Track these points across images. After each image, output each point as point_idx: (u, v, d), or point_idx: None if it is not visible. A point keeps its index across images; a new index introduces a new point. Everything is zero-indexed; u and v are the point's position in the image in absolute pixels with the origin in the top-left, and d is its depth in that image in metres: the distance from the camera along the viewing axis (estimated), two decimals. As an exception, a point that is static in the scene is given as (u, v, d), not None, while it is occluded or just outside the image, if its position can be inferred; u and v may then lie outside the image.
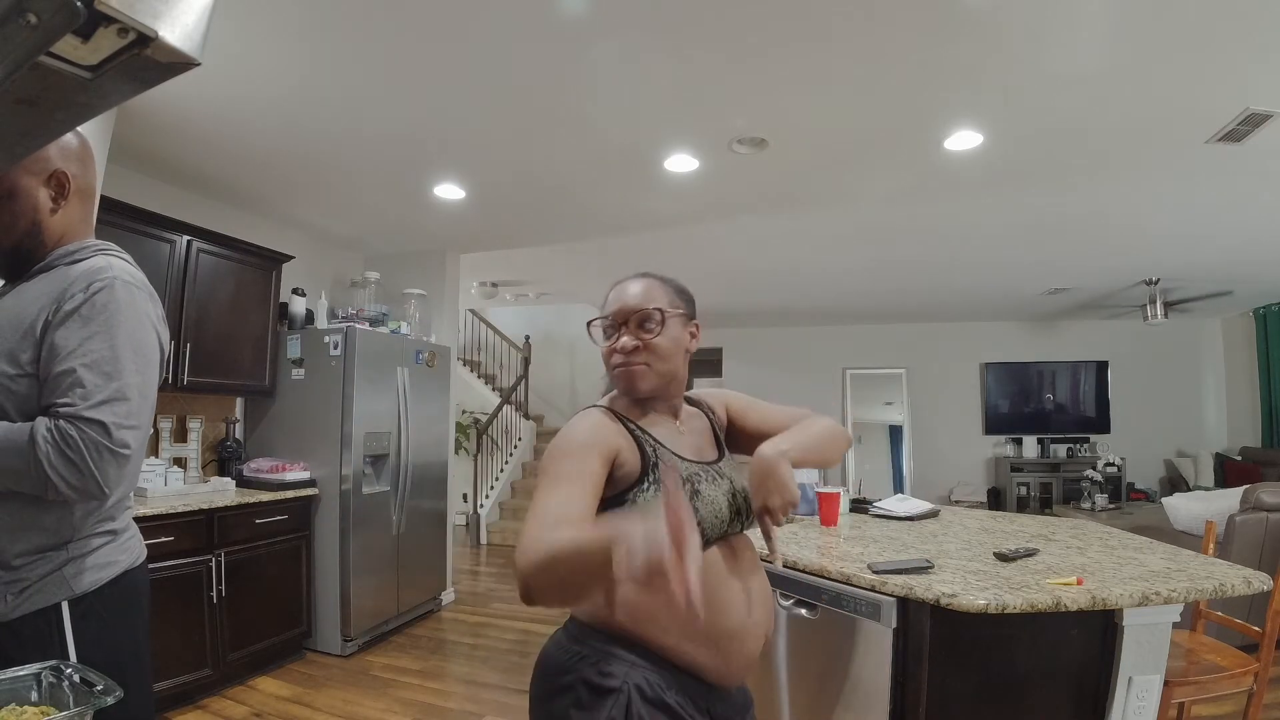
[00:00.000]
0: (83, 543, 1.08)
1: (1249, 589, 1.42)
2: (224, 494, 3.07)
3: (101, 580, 1.09)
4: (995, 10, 1.89)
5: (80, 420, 0.97)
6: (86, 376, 0.98)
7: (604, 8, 1.91)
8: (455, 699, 2.91)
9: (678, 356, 1.10)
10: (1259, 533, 3.05)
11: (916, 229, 4.08)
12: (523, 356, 7.68)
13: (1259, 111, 2.44)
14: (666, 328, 1.07)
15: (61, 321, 1.00)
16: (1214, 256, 4.60)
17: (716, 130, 2.71)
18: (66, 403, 0.97)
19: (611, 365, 1.08)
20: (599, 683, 0.92)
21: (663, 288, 1.11)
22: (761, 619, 1.03)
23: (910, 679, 1.44)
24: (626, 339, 1.06)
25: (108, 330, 1.02)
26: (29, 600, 1.02)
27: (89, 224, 1.16)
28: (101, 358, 1.00)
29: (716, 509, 1.01)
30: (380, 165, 3.09)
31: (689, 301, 1.15)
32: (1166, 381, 7.16)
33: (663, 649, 0.95)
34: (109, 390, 1.00)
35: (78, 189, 1.12)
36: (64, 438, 0.96)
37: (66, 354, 0.98)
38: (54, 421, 0.96)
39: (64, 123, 0.53)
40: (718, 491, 1.03)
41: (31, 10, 0.36)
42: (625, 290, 1.10)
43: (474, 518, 6.53)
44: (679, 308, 1.11)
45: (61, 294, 1.02)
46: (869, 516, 2.41)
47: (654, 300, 1.07)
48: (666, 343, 1.07)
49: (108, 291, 1.03)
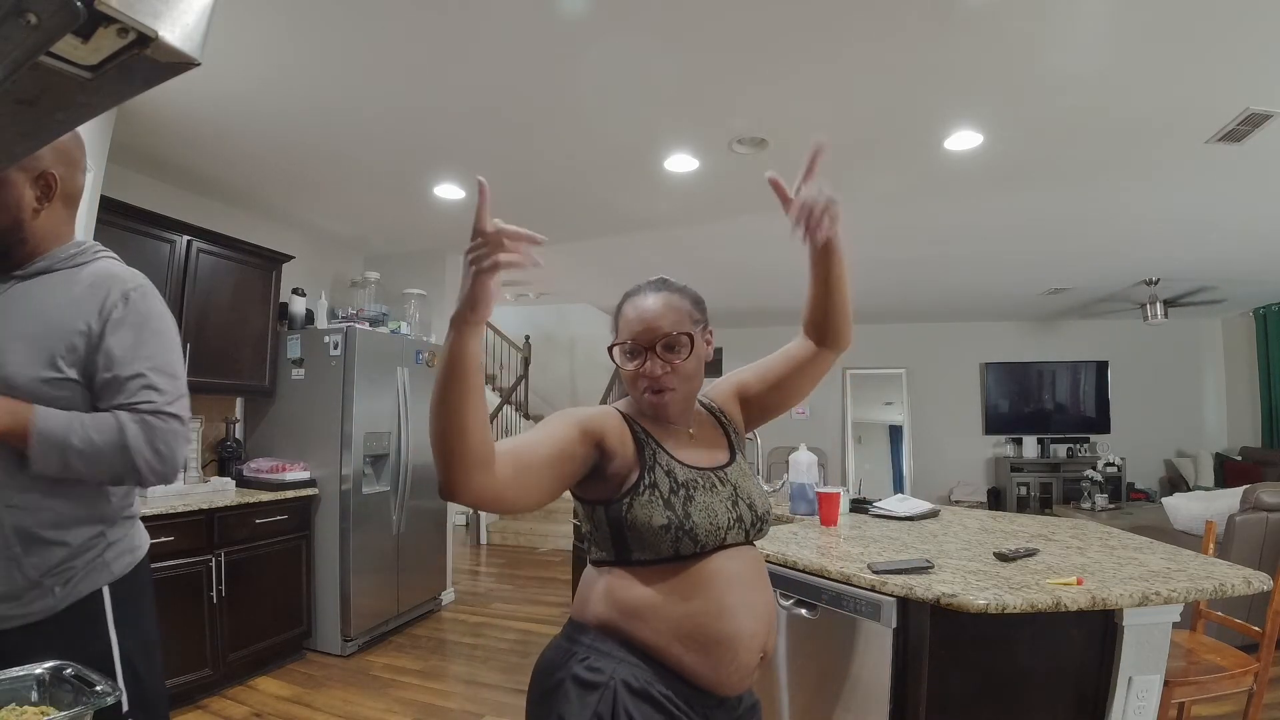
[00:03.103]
0: (117, 528, 1.15)
1: (1249, 589, 1.42)
2: (224, 494, 3.07)
3: (133, 563, 1.17)
4: (995, 10, 1.89)
5: (163, 415, 1.10)
6: (157, 379, 1.11)
7: (604, 8, 1.91)
8: (455, 699, 2.91)
9: (701, 371, 1.09)
10: (1259, 533, 3.05)
11: (916, 229, 4.08)
12: (523, 356, 7.68)
13: (1259, 111, 2.44)
14: (695, 349, 1.06)
15: (113, 330, 1.09)
16: (1214, 257, 4.60)
17: (716, 130, 2.72)
18: (146, 401, 1.09)
19: (639, 390, 1.06)
20: (587, 678, 0.93)
21: (682, 301, 1.08)
22: (758, 631, 1.00)
23: (910, 679, 1.44)
24: (655, 365, 1.03)
25: (156, 335, 1.13)
26: (76, 589, 1.08)
27: (72, 227, 1.18)
28: (164, 361, 1.13)
29: (711, 515, 0.99)
30: (380, 165, 3.09)
31: (704, 309, 1.13)
32: (1166, 381, 7.16)
33: (651, 648, 0.95)
34: (176, 388, 1.13)
35: (64, 192, 1.13)
36: (153, 431, 1.08)
37: (130, 360, 1.09)
38: (139, 417, 1.07)
39: (64, 123, 0.53)
40: (715, 499, 1.01)
41: (31, 10, 0.36)
42: (646, 308, 1.06)
43: (474, 518, 6.53)
44: (698, 320, 1.09)
45: (101, 303, 1.09)
46: (869, 516, 2.41)
47: (680, 323, 1.05)
48: (693, 364, 1.06)
49: (143, 300, 1.13)
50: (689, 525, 0.96)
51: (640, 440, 1.03)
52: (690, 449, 1.08)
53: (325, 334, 3.52)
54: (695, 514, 0.97)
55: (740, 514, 1.03)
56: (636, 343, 1.05)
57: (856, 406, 7.81)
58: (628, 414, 1.07)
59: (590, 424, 0.98)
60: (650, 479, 0.99)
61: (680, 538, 0.95)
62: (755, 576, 1.04)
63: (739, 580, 1.00)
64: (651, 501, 0.97)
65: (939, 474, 7.42)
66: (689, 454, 1.07)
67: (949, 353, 7.63)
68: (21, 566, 1.03)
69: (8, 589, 1.03)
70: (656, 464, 1.01)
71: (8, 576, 1.03)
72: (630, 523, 0.97)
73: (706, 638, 0.95)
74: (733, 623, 0.97)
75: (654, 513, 0.96)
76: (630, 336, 1.06)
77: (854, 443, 7.78)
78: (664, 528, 0.95)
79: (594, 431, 0.98)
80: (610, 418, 1.03)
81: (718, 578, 0.98)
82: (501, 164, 3.08)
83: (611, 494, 0.99)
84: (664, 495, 0.98)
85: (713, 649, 0.95)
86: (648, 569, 0.98)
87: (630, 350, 1.06)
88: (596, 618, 0.99)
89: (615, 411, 1.07)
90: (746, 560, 1.04)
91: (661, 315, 1.05)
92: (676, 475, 1.01)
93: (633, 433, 1.04)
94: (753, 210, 3.72)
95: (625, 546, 0.98)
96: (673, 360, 1.04)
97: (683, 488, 0.99)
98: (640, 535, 0.96)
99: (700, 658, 0.95)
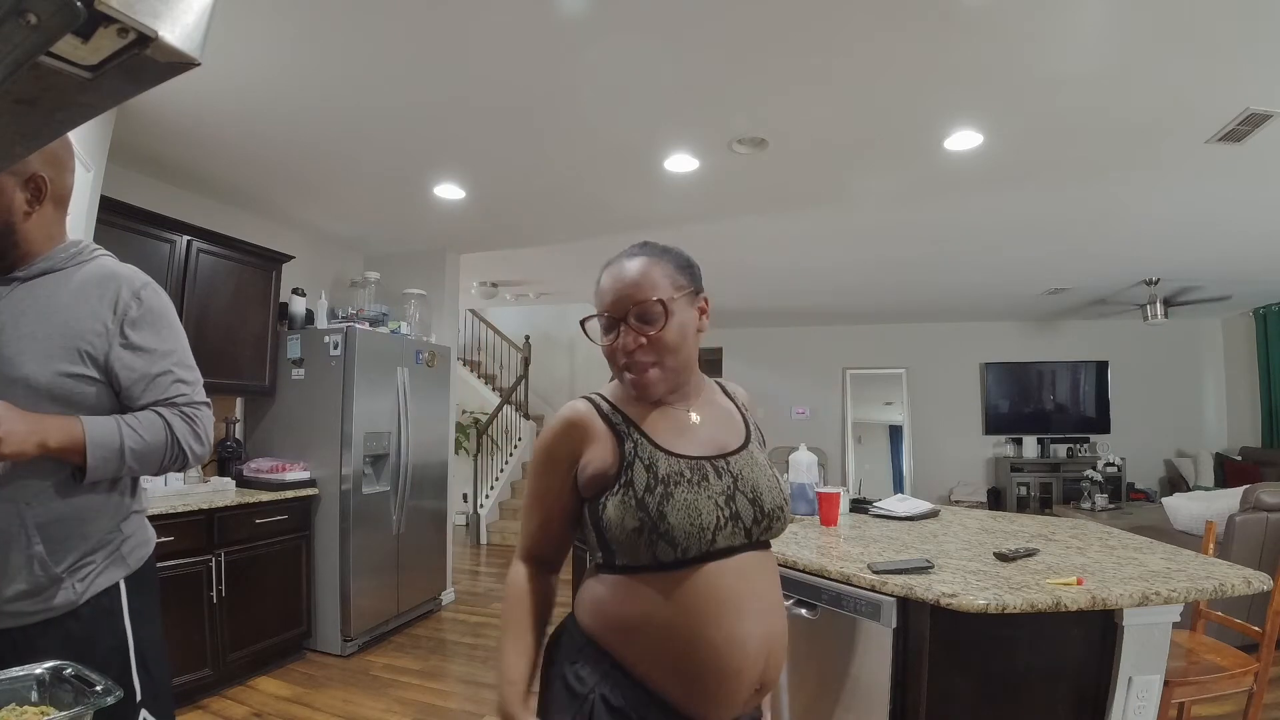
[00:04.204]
0: (130, 522, 1.18)
1: (1249, 589, 1.42)
2: (224, 494, 3.07)
3: (145, 556, 1.21)
4: (995, 10, 1.89)
5: (195, 405, 1.18)
6: (182, 373, 1.18)
7: (604, 8, 1.91)
8: (455, 699, 2.91)
9: (688, 343, 0.97)
10: (1259, 533, 3.05)
11: (916, 229, 4.07)
12: (523, 356, 7.68)
13: (1259, 111, 2.44)
14: (672, 317, 0.93)
15: (133, 329, 1.14)
16: (1214, 256, 4.60)
17: (716, 130, 2.71)
18: (180, 395, 1.16)
19: (618, 366, 0.96)
20: (572, 685, 0.90)
21: (661, 266, 0.96)
22: (753, 665, 0.87)
23: (910, 679, 1.44)
24: (628, 338, 0.93)
25: (171, 329, 1.20)
26: (94, 583, 1.10)
27: (64, 227, 1.20)
28: (184, 353, 1.21)
29: (692, 515, 0.86)
30: (380, 165, 3.09)
31: (693, 275, 1.00)
32: (1166, 381, 7.16)
33: (633, 670, 0.89)
34: (197, 379, 1.22)
35: (53, 194, 1.14)
36: (192, 421, 1.17)
37: (157, 357, 1.15)
38: (177, 410, 1.15)
39: (64, 123, 0.53)
40: (700, 495, 0.89)
41: (31, 10, 0.36)
42: (620, 275, 0.95)
43: (474, 518, 6.53)
44: (682, 286, 0.96)
45: (114, 302, 1.13)
46: (869, 516, 2.41)
47: (655, 288, 0.93)
48: (674, 334, 0.94)
49: (155, 296, 1.19)
50: (663, 527, 0.85)
51: (620, 433, 0.94)
52: (687, 433, 0.96)
53: (325, 334, 3.52)
54: (671, 514, 0.86)
55: (737, 510, 0.90)
56: (610, 314, 0.95)
57: (856, 406, 7.81)
58: (610, 401, 0.98)
59: (566, 458, 0.96)
60: (627, 476, 0.90)
61: (655, 541, 0.86)
62: (754, 594, 0.90)
63: (733, 602, 0.87)
64: (625, 501, 0.88)
65: (939, 474, 7.42)
66: (684, 440, 0.95)
67: (949, 353, 7.63)
68: (43, 563, 1.05)
69: (29, 585, 1.05)
70: (636, 458, 0.91)
71: (29, 573, 1.04)
72: (606, 524, 0.89)
73: (690, 671, 0.86)
74: (721, 657, 0.85)
75: (625, 514, 0.87)
76: (604, 308, 0.96)
77: (854, 443, 7.78)
78: (636, 530, 0.86)
79: (569, 460, 0.95)
80: (581, 423, 0.95)
81: (708, 598, 0.86)
82: (501, 164, 3.08)
83: (597, 492, 0.93)
84: (638, 494, 0.88)
85: (696, 683, 0.86)
86: (633, 578, 0.90)
87: (605, 324, 0.96)
88: (586, 627, 0.94)
89: (588, 407, 0.97)
90: (747, 572, 0.90)
91: (635, 283, 0.93)
92: (657, 469, 0.90)
93: (611, 426, 0.95)
94: (753, 210, 3.72)
95: (608, 549, 0.91)
96: (647, 331, 0.92)
97: (661, 483, 0.88)
98: (616, 538, 0.89)
99: (682, 691, 0.87)
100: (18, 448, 0.96)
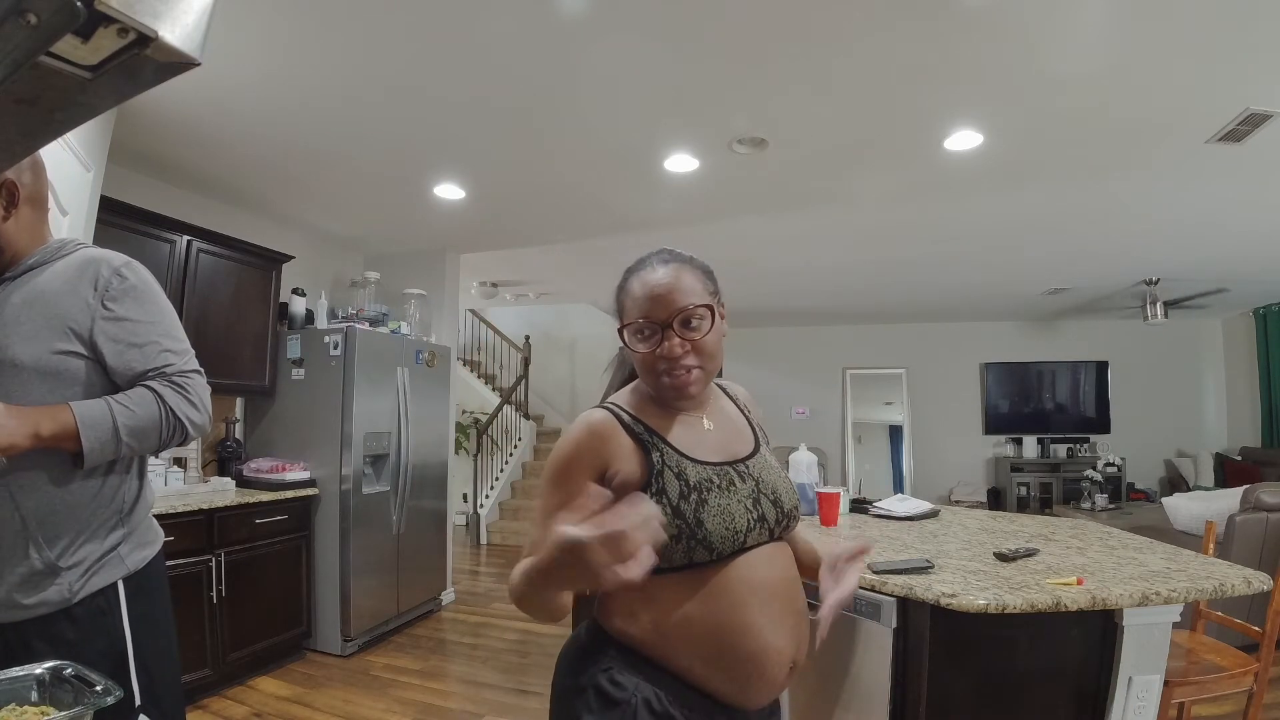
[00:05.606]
0: (133, 520, 1.18)
1: (1249, 589, 1.42)
2: (224, 494, 3.07)
3: (148, 557, 1.20)
4: (995, 10, 1.89)
5: (185, 374, 1.18)
6: (168, 343, 1.18)
7: (604, 8, 1.91)
8: (455, 699, 2.91)
9: (721, 349, 0.99)
10: (1259, 533, 3.05)
11: (916, 229, 4.07)
12: (523, 356, 7.68)
13: (1259, 111, 2.44)
14: (717, 322, 0.96)
15: (116, 304, 1.13)
16: (1214, 256, 4.60)
17: (716, 130, 2.71)
18: (168, 364, 1.16)
19: (657, 373, 0.95)
20: (610, 692, 0.89)
21: (693, 273, 0.97)
22: (785, 647, 0.92)
23: (910, 679, 1.44)
24: (674, 344, 0.93)
25: (155, 302, 1.20)
26: (90, 582, 1.09)
27: (46, 227, 1.21)
28: (170, 323, 1.21)
29: (727, 520, 0.90)
30: (380, 165, 3.09)
31: (715, 280, 1.02)
32: (1166, 381, 7.17)
33: (675, 668, 0.90)
34: (186, 348, 1.22)
35: (28, 197, 1.15)
36: (183, 389, 1.17)
37: (142, 330, 1.15)
38: (167, 381, 1.15)
39: (64, 123, 0.53)
40: (731, 499, 0.92)
41: (31, 10, 0.36)
42: (656, 282, 0.95)
43: (474, 518, 6.53)
44: (713, 292, 0.99)
45: (94, 280, 1.13)
46: (869, 516, 2.41)
47: (694, 293, 0.95)
48: (714, 339, 0.96)
49: (134, 272, 1.18)
50: (701, 534, 0.88)
51: (645, 443, 0.94)
52: (705, 441, 0.98)
53: (325, 334, 3.52)
54: (709, 520, 0.89)
55: (763, 513, 0.94)
56: (650, 320, 0.94)
57: (856, 406, 7.82)
58: (629, 411, 0.98)
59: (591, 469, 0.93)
60: (659, 484, 0.91)
61: (693, 547, 0.88)
62: (782, 582, 0.95)
63: (763, 590, 0.92)
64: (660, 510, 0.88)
65: (939, 474, 7.42)
66: (704, 448, 0.97)
67: (949, 353, 7.63)
68: (40, 550, 1.06)
69: (26, 574, 1.05)
70: (665, 467, 0.92)
71: (25, 560, 1.05)
72: None
73: (731, 657, 0.89)
74: (758, 640, 0.90)
75: None
76: (642, 315, 0.94)
77: (854, 443, 7.78)
78: (674, 538, 0.88)
79: (596, 470, 0.93)
80: (602, 442, 0.94)
81: (740, 588, 0.90)
82: (501, 164, 3.08)
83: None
84: (673, 502, 0.90)
85: (738, 668, 0.90)
86: (664, 577, 0.89)
87: (643, 330, 0.95)
88: (620, 632, 0.94)
89: (608, 417, 0.96)
90: (773, 564, 0.95)
91: (675, 287, 0.94)
92: (688, 477, 0.92)
93: (634, 436, 0.95)
94: (753, 210, 3.72)
95: None
96: (692, 336, 0.93)
97: (694, 490, 0.91)
98: None
99: (725, 678, 0.90)
100: (10, 440, 0.97)
